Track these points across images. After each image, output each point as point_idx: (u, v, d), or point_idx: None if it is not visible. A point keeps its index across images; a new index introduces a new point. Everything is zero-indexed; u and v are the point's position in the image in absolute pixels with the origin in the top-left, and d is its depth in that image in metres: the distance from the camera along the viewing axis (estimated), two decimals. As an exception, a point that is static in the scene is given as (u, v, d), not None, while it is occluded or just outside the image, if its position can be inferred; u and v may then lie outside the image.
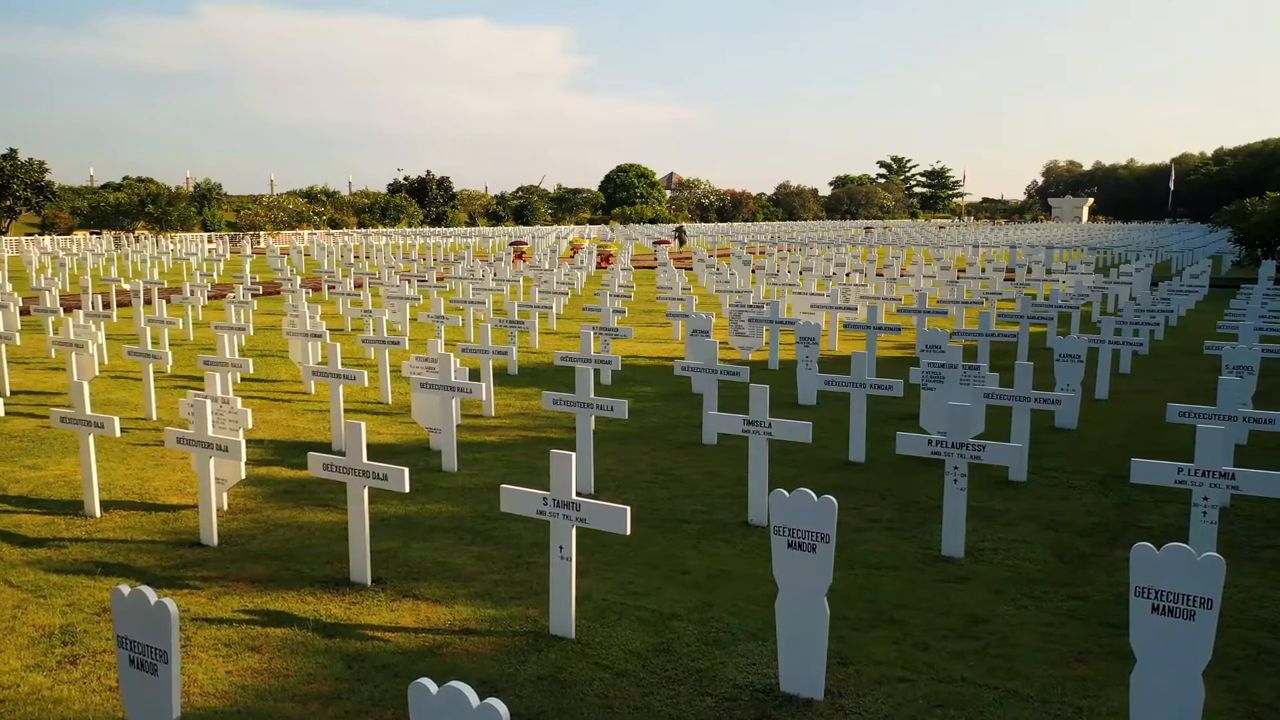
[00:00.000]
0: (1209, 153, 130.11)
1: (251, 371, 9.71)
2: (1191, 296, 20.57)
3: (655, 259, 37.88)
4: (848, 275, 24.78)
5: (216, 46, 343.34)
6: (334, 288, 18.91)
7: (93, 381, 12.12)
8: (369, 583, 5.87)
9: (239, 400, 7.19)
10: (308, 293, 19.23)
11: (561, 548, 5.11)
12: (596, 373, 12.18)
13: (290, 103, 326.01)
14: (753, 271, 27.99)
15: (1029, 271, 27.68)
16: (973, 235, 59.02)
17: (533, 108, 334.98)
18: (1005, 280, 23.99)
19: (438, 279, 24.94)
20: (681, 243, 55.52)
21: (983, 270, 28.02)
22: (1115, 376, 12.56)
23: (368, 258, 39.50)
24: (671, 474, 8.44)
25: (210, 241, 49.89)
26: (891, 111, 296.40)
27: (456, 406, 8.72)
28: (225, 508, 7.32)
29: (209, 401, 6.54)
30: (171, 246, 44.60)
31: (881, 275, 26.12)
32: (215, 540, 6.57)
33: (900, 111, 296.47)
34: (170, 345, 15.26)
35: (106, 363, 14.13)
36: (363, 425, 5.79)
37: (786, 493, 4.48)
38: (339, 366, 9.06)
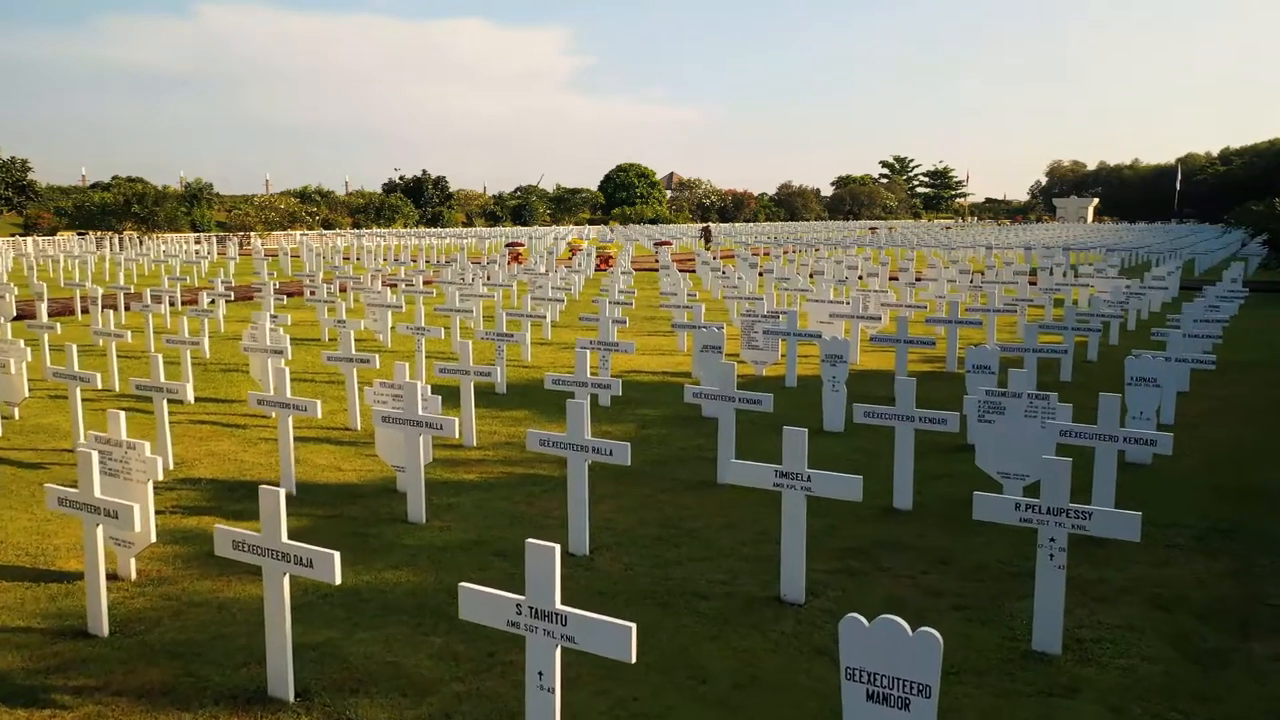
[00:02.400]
0: (1214, 153, 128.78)
1: (190, 399, 8.32)
2: (1234, 301, 19.17)
3: (656, 261, 36.49)
4: (861, 279, 23.38)
5: (216, 47, 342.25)
6: (313, 293, 17.51)
7: (24, 404, 10.72)
8: (291, 698, 4.47)
9: (147, 445, 5.78)
10: (283, 299, 17.85)
11: (541, 674, 3.71)
12: (593, 397, 10.79)
13: (289, 103, 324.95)
14: (760, 275, 26.62)
15: (1050, 274, 26.29)
16: (985, 236, 57.46)
17: (533, 108, 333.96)
18: (1029, 284, 22.61)
19: (425, 283, 23.54)
20: (708, 243, 54.70)
21: (1000, 273, 26.63)
22: (1177, 396, 11.15)
23: (358, 259, 38.09)
24: (682, 526, 7.04)
25: (198, 243, 48.46)
26: (894, 111, 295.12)
27: (426, 444, 7.33)
28: (133, 577, 5.92)
29: (95, 453, 5.13)
30: (157, 248, 43.19)
31: (897, 279, 24.74)
32: (106, 629, 5.16)
33: (903, 111, 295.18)
34: (124, 359, 13.88)
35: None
36: (281, 494, 4.39)
37: (865, 621, 3.08)
38: (287, 394, 7.66)
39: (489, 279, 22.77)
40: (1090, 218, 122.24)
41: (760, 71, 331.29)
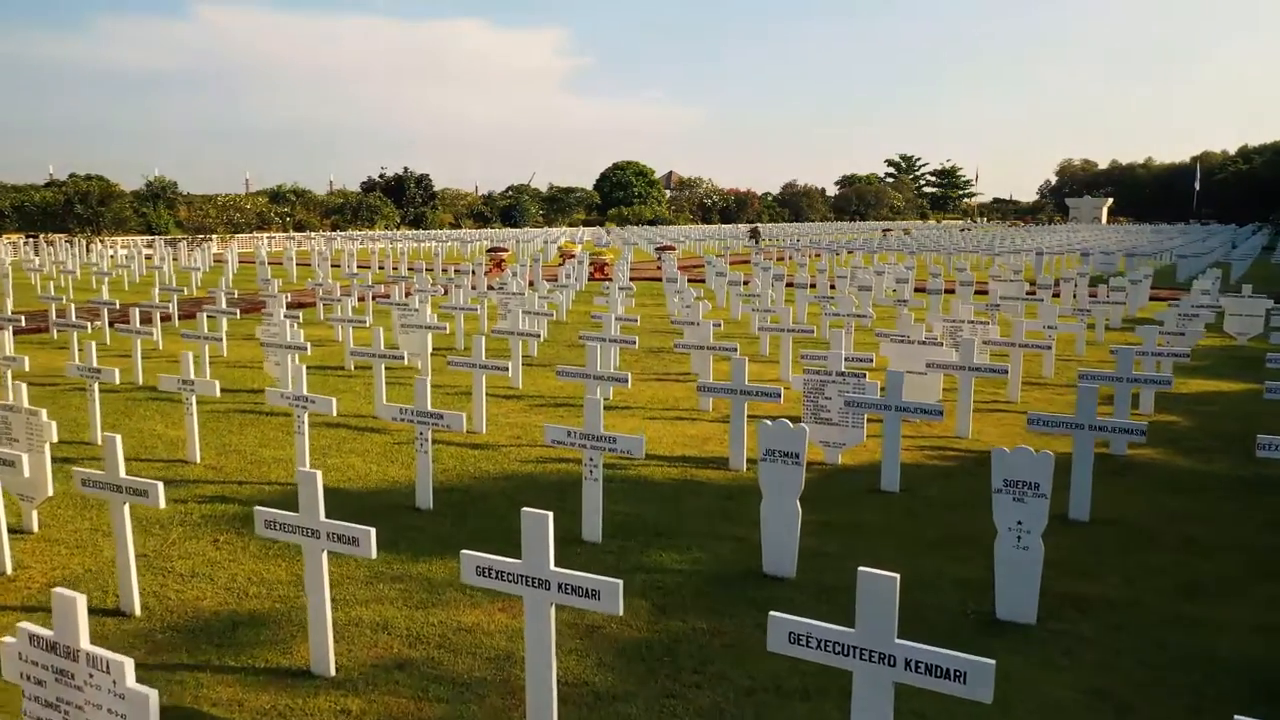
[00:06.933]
0: (1232, 150, 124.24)
1: None
2: None
3: (659, 268, 31.83)
4: (916, 294, 18.73)
5: (214, 47, 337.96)
6: (192, 316, 12.79)
7: None
8: None
9: None
10: (149, 332, 13.12)
11: None
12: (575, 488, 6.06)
13: (286, 104, 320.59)
14: (787, 286, 22.00)
15: (1137, 287, 21.68)
16: (1032, 238, 52.16)
17: (530, 109, 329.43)
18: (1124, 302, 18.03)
19: (374, 298, 18.85)
20: (757, 243, 50.67)
21: (1077, 288, 22.01)
22: None
23: (316, 266, 33.31)
24: None
25: (149, 246, 43.62)
26: (899, 109, 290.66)
27: None
28: None
29: None
30: (96, 253, 38.34)
31: (954, 292, 20.11)
32: None
33: (908, 109, 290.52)
34: None
35: None
36: None
37: None
38: None
39: (454, 298, 18.06)
40: (1105, 218, 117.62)
41: (760, 70, 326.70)
